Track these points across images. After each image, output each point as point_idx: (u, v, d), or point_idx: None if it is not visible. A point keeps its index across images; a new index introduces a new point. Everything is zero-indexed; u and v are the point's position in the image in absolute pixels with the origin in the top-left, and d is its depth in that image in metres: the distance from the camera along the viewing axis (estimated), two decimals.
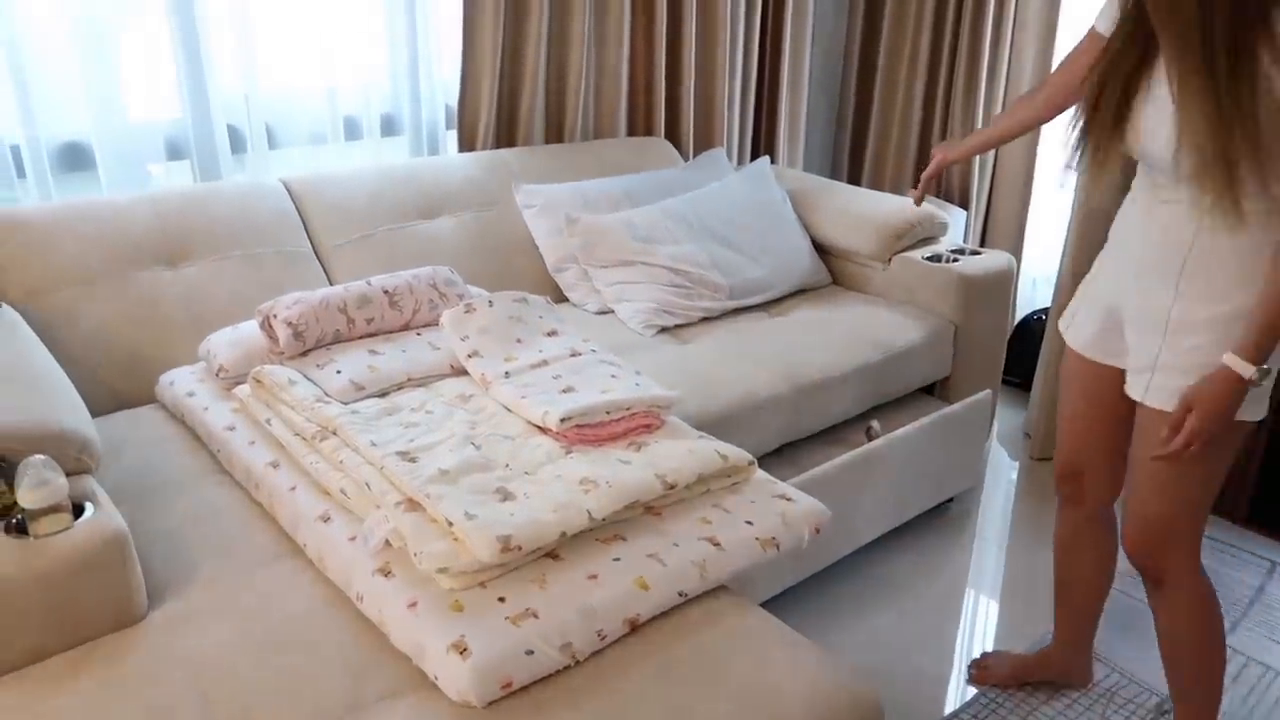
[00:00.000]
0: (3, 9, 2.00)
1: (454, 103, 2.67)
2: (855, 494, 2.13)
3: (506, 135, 2.77)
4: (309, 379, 1.71)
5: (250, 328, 1.85)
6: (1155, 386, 1.46)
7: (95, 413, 1.86)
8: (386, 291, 1.88)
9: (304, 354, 1.78)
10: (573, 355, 1.77)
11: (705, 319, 2.41)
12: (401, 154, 2.69)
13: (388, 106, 2.62)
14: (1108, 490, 1.72)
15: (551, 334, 1.85)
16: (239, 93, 2.36)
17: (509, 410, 1.64)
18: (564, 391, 1.64)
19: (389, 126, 2.64)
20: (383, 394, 1.70)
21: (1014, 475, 2.78)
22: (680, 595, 1.32)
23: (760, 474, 1.60)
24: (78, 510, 1.33)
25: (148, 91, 2.26)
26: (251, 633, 1.27)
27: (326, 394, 1.66)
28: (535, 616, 1.21)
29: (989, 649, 2.06)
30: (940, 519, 2.50)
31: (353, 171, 2.39)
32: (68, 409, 1.46)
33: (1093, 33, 1.54)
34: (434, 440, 1.51)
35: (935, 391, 2.55)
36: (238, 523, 1.51)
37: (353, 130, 2.57)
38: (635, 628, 1.29)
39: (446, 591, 1.26)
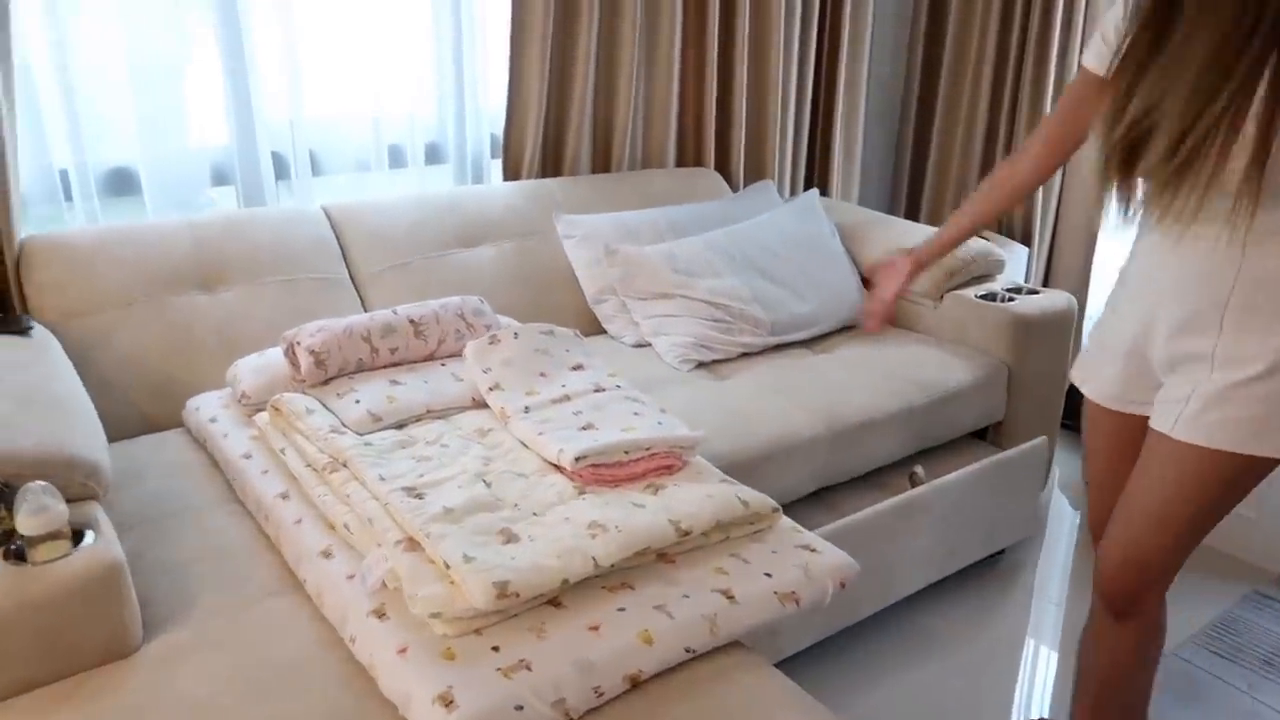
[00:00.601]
0: (54, 36, 2.04)
1: (499, 131, 2.66)
2: (895, 543, 2.02)
3: (552, 165, 2.75)
4: (328, 408, 1.68)
5: (276, 354, 1.84)
6: (1188, 417, 1.31)
7: (124, 435, 1.88)
8: (412, 321, 1.85)
9: (326, 382, 1.76)
10: (596, 391, 1.71)
11: (745, 355, 2.34)
12: (446, 182, 2.68)
13: (432, 135, 2.62)
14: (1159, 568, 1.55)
15: (577, 368, 1.79)
16: (284, 119, 2.38)
17: (526, 446, 1.59)
18: (583, 429, 1.58)
19: (433, 155, 2.64)
20: (400, 425, 1.67)
21: (1075, 526, 2.63)
22: (687, 651, 1.25)
23: (785, 522, 1.52)
24: (79, 537, 1.31)
25: (195, 118, 2.29)
26: (241, 673, 1.23)
27: (344, 424, 1.63)
28: (529, 669, 1.15)
29: (1045, 716, 1.92)
30: (991, 572, 2.37)
31: (394, 199, 2.39)
32: (80, 433, 1.46)
33: (1084, 72, 1.41)
34: (444, 476, 1.47)
35: (987, 436, 2.43)
36: (244, 555, 1.48)
37: (397, 158, 2.57)
38: (636, 684, 1.21)
39: (440, 638, 1.20)
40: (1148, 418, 1.43)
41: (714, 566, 1.38)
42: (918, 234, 2.63)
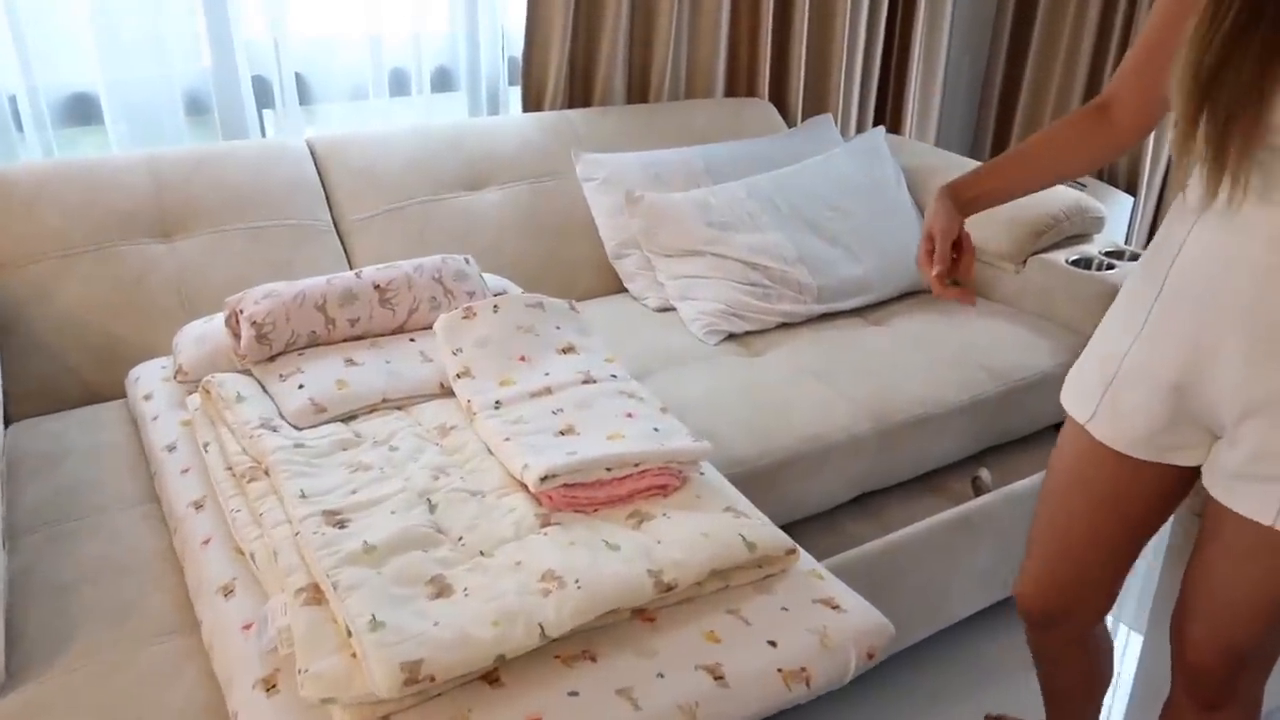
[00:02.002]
0: None
1: (519, 54, 2.32)
2: (953, 559, 1.70)
3: (580, 93, 2.41)
4: (267, 393, 1.42)
5: (221, 320, 1.57)
6: None
7: (60, 407, 1.66)
8: (378, 286, 1.57)
9: (271, 359, 1.49)
10: (585, 383, 1.41)
11: (784, 325, 2.00)
12: (458, 113, 2.37)
13: (442, 58, 2.30)
14: (1104, 609, 1.27)
15: (567, 350, 1.49)
16: (268, 38, 2.08)
17: (492, 453, 1.31)
18: (560, 434, 1.29)
19: (443, 81, 2.32)
20: (349, 417, 1.40)
21: (1162, 544, 2.26)
22: None
23: (803, 563, 1.22)
24: None
25: (166, 36, 2.00)
26: None
27: (281, 414, 1.37)
28: None
29: None
30: None
31: (387, 132, 2.09)
32: None
33: None
34: (381, 494, 1.20)
35: None
36: (144, 576, 1.24)
37: (400, 84, 2.26)
38: None
39: None
40: (1174, 469, 1.10)
41: (704, 629, 1.10)
42: None
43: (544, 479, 1.18)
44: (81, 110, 1.99)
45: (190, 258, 1.81)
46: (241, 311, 1.49)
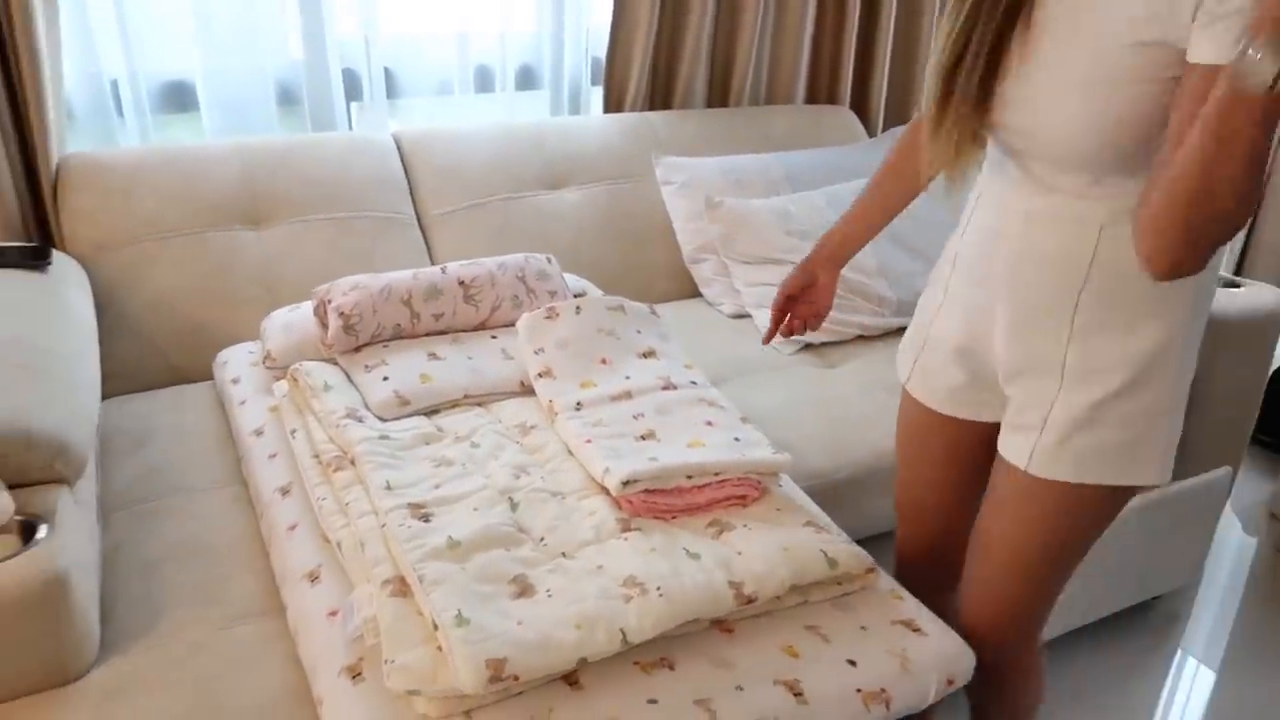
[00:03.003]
0: None
1: (602, 55, 2.32)
2: None
3: (661, 95, 2.40)
4: (352, 383, 1.44)
5: (310, 310, 1.60)
6: (1046, 449, 1.06)
7: (148, 386, 1.70)
8: (462, 283, 1.58)
9: (357, 350, 1.51)
10: (665, 388, 1.41)
11: (861, 337, 1.98)
12: (540, 110, 2.38)
13: (527, 56, 2.31)
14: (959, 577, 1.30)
15: (647, 355, 1.49)
16: (359, 33, 2.11)
17: (572, 454, 1.31)
18: (641, 438, 1.29)
19: (526, 79, 2.33)
20: (432, 411, 1.41)
21: (1246, 570, 2.18)
22: None
23: (883, 583, 1.20)
24: (32, 532, 1.12)
25: (262, 28, 2.04)
26: None
27: (366, 405, 1.39)
28: None
29: None
30: (1139, 622, 1.97)
31: (471, 129, 2.11)
32: (55, 403, 1.25)
33: None
34: (464, 490, 1.20)
35: None
36: (232, 558, 1.26)
37: (484, 81, 2.28)
38: None
39: (418, 716, 0.95)
40: (988, 424, 1.19)
41: (783, 643, 1.08)
42: None
43: (626, 484, 1.18)
44: (178, 97, 2.04)
45: (276, 246, 1.84)
46: (329, 302, 1.51)
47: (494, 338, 1.58)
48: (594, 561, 1.11)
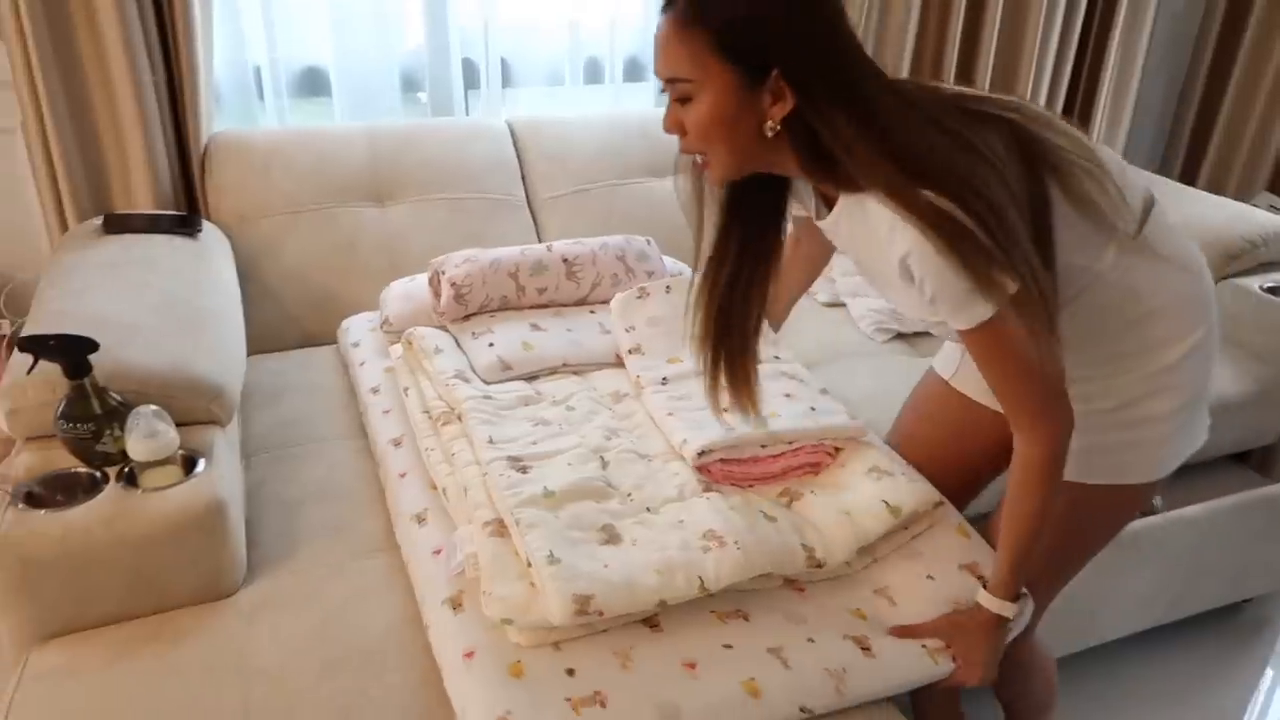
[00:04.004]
0: None
1: None
2: (1110, 578, 1.68)
3: None
4: (461, 348, 1.55)
5: (426, 281, 1.72)
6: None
7: (280, 348, 1.84)
8: (566, 260, 1.68)
9: (466, 318, 1.62)
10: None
11: None
12: (645, 102, 2.47)
13: (634, 48, 2.40)
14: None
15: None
16: (479, 24, 2.23)
17: (656, 425, 1.39)
18: (722, 411, 1.35)
19: (633, 71, 2.42)
20: (532, 377, 1.51)
21: None
22: (802, 711, 1.03)
23: (950, 518, 1.26)
24: (193, 464, 1.26)
25: (390, 19, 2.18)
26: (322, 640, 1.14)
27: (473, 368, 1.49)
28: (603, 705, 0.98)
29: None
30: (1228, 623, 1.96)
31: (582, 118, 2.21)
32: (213, 353, 1.40)
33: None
34: (559, 447, 1.30)
35: (1251, 460, 1.98)
36: (355, 502, 1.38)
37: (594, 72, 2.38)
38: None
39: (512, 646, 1.04)
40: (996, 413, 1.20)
41: (852, 607, 1.15)
42: (1191, 203, 2.17)
43: (701, 453, 1.25)
44: (312, 83, 2.19)
45: (398, 222, 1.97)
46: (443, 273, 1.63)
47: (593, 312, 1.67)
48: (676, 517, 1.18)
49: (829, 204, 1.06)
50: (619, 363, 1.55)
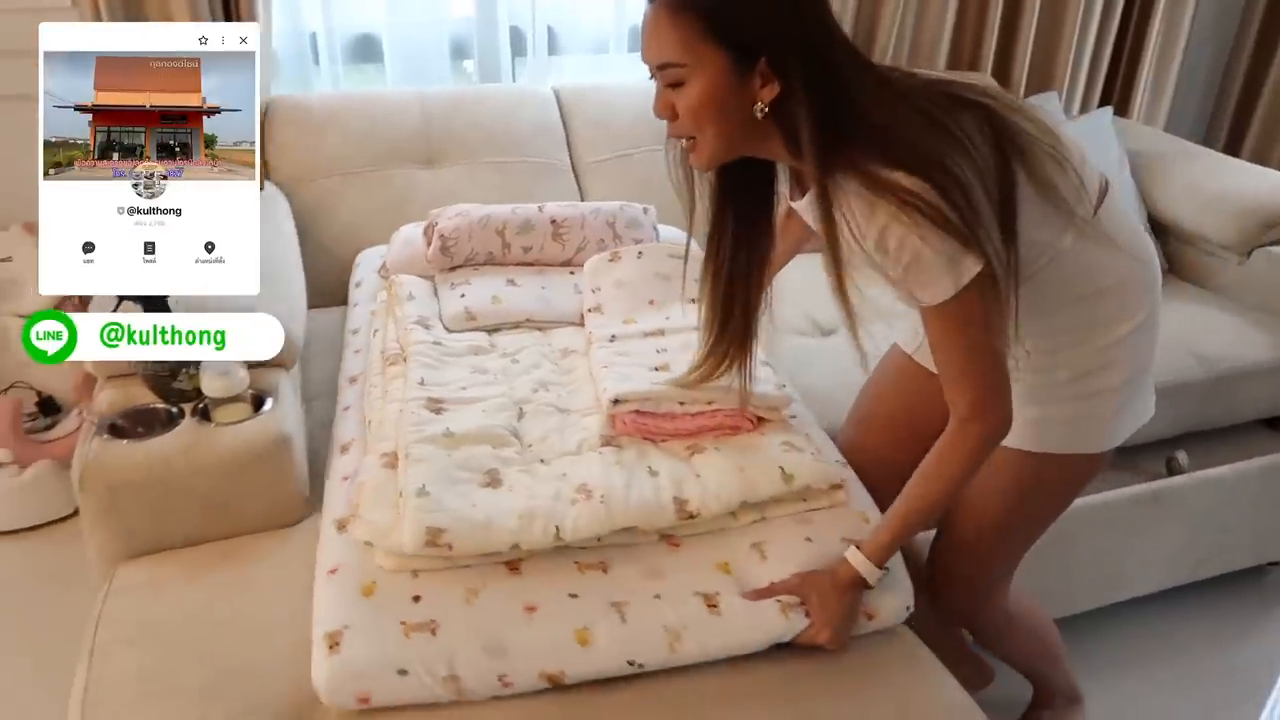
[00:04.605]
0: None
1: None
2: (1134, 535, 1.72)
3: None
4: (437, 296, 1.61)
5: None
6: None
7: (335, 303, 1.92)
8: (554, 221, 1.72)
9: (452, 269, 1.68)
10: (697, 329, 1.51)
11: None
12: None
13: None
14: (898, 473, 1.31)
15: (695, 300, 1.59)
16: None
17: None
18: (655, 369, 1.35)
19: None
20: (494, 329, 1.56)
21: None
22: (630, 664, 1.05)
23: (856, 502, 1.25)
24: (261, 403, 1.34)
25: None
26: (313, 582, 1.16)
27: (440, 315, 1.55)
28: (432, 633, 1.03)
29: None
30: (1254, 585, 1.99)
31: (624, 85, 2.26)
32: (279, 300, 1.48)
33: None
34: (484, 395, 1.34)
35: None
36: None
37: (637, 40, 2.41)
38: (559, 685, 1.04)
39: (374, 569, 1.10)
40: None
41: (719, 560, 1.16)
42: (1230, 172, 2.18)
43: (615, 402, 1.27)
44: (365, 49, 2.27)
45: (447, 184, 2.05)
46: (436, 224, 1.69)
47: (571, 274, 1.70)
48: (562, 470, 1.21)
49: (803, 186, 1.11)
50: (581, 322, 1.58)
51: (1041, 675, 1.55)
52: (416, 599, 1.06)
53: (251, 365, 1.35)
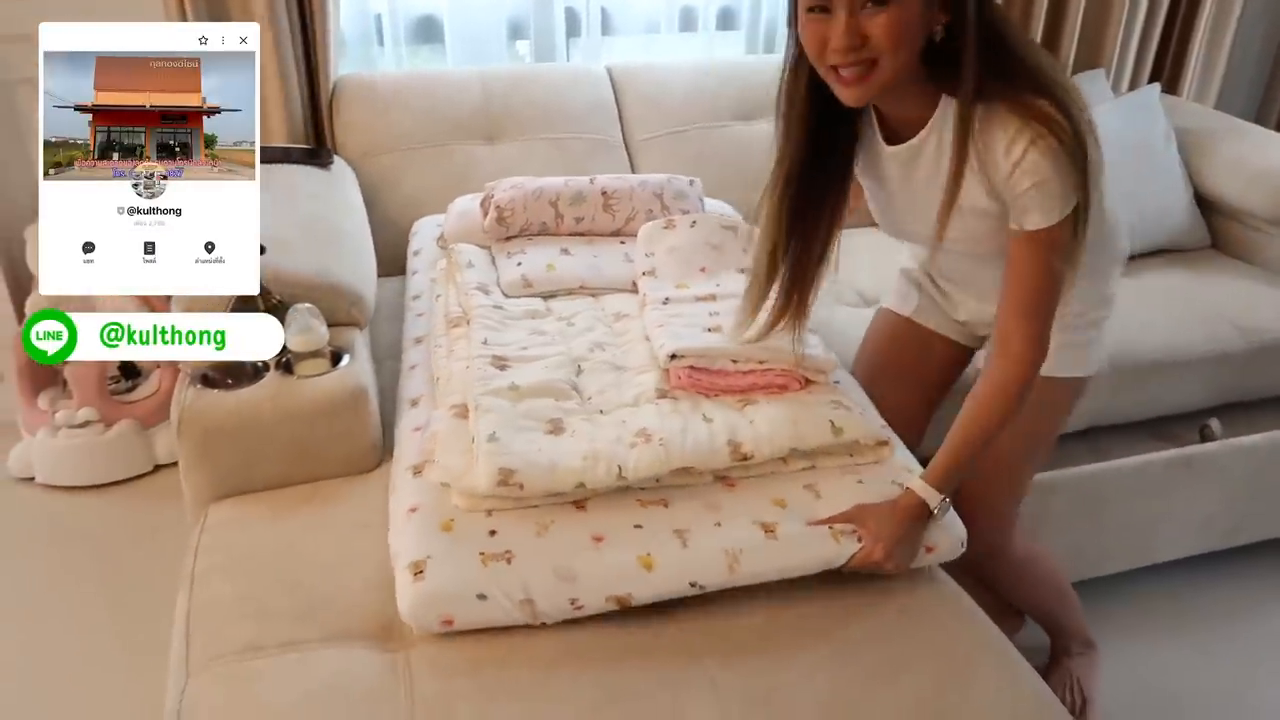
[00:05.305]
0: None
1: None
2: (1166, 500, 1.76)
3: None
4: (494, 264, 1.69)
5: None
6: None
7: (399, 272, 2.02)
8: (605, 193, 1.79)
9: (508, 239, 1.76)
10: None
11: None
12: (737, 50, 2.57)
13: None
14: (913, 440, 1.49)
15: (744, 270, 1.63)
16: None
17: (647, 339, 1.48)
18: (708, 330, 1.41)
19: (726, 20, 2.53)
20: (549, 295, 1.63)
21: None
22: (692, 586, 1.13)
23: (899, 458, 1.31)
24: (337, 359, 1.44)
25: None
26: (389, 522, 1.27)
27: (499, 282, 1.63)
28: (508, 562, 1.11)
29: None
30: None
31: (675, 63, 2.33)
32: (352, 266, 1.59)
33: None
34: (544, 353, 1.42)
35: None
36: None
37: (688, 21, 2.49)
38: (627, 608, 1.12)
39: (451, 508, 1.18)
40: (947, 340, 1.53)
41: (775, 497, 1.23)
42: (1275, 147, 2.19)
43: (672, 357, 1.34)
44: (427, 30, 2.36)
45: (506, 159, 2.14)
46: (493, 196, 1.78)
47: (622, 243, 1.77)
48: (621, 418, 1.29)
49: (894, 137, 1.22)
50: (633, 289, 1.64)
51: (1057, 622, 1.62)
52: (492, 533, 1.15)
53: (330, 324, 1.45)
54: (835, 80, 1.12)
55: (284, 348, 1.41)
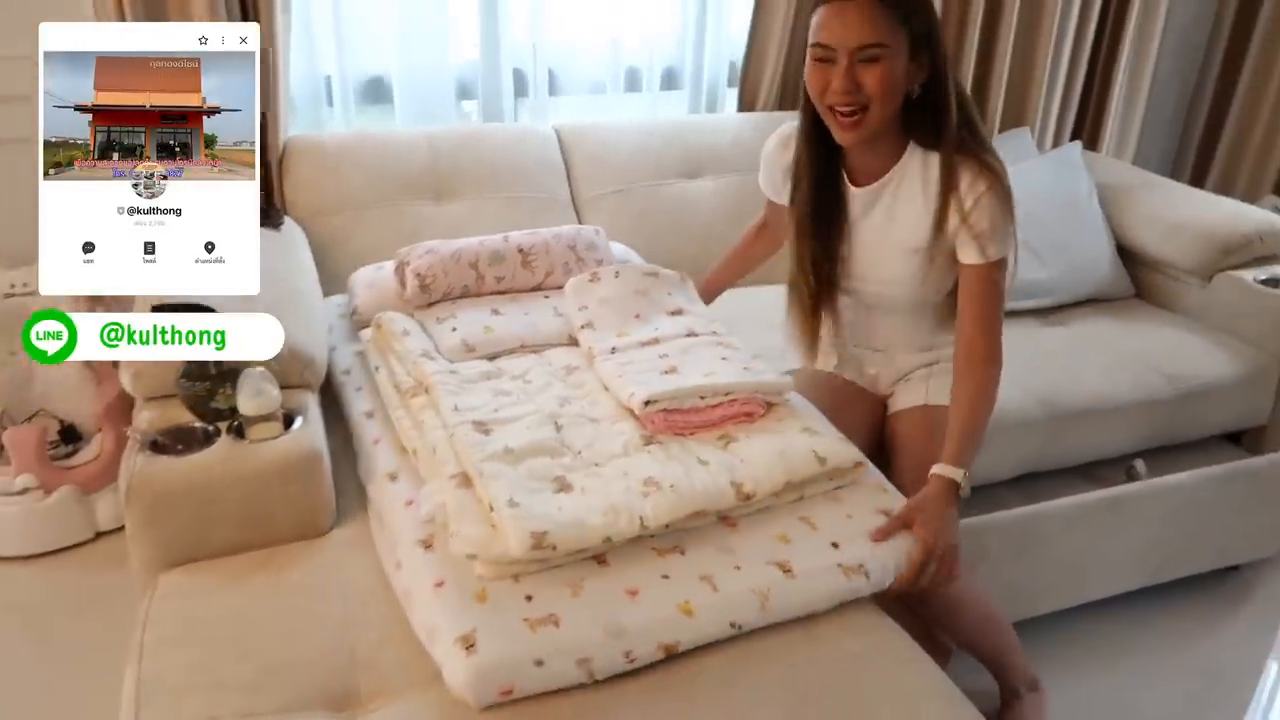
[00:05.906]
0: None
1: (739, 59, 2.57)
2: (1096, 539, 1.81)
3: (791, 97, 2.63)
4: (426, 331, 1.69)
5: (391, 269, 1.84)
6: (930, 389, 1.67)
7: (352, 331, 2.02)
8: (521, 250, 1.83)
9: (430, 305, 1.77)
10: (688, 335, 1.59)
11: None
12: (680, 109, 2.65)
13: (670, 60, 2.59)
14: None
15: (676, 313, 1.67)
16: (528, 39, 2.42)
17: (606, 389, 1.52)
18: (666, 373, 1.48)
19: (670, 80, 2.61)
20: (492, 357, 1.65)
21: None
22: (732, 626, 1.18)
23: (871, 477, 1.41)
24: (290, 422, 1.44)
25: (448, 33, 2.38)
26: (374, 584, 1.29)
27: (438, 349, 1.63)
28: (556, 624, 1.12)
29: None
30: (1216, 588, 2.08)
31: (621, 123, 2.39)
32: (305, 327, 1.59)
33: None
34: (518, 413, 1.44)
35: (1243, 441, 2.13)
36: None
37: (633, 81, 2.56)
38: (674, 655, 1.15)
39: (476, 579, 1.18)
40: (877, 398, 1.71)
41: (777, 533, 1.29)
42: (1191, 202, 2.33)
43: (647, 403, 1.39)
44: (376, 91, 2.39)
45: (455, 218, 2.17)
46: (408, 264, 1.77)
47: (547, 298, 1.80)
48: (621, 469, 1.32)
49: (859, 178, 1.49)
50: (571, 342, 1.68)
51: (1001, 661, 1.65)
52: (529, 598, 1.15)
53: (281, 387, 1.45)
54: (833, 120, 1.38)
55: (235, 410, 1.41)
